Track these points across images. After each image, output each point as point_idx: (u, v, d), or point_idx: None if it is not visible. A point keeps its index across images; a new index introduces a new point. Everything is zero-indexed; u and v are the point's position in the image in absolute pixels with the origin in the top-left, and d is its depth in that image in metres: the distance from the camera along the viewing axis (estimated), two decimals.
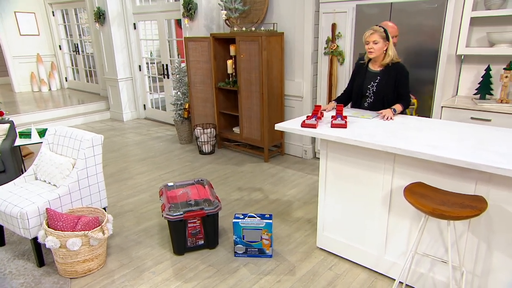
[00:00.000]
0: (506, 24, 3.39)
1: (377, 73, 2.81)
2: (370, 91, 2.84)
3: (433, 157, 1.89)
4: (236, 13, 4.52)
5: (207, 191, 2.94)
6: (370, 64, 2.86)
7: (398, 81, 2.75)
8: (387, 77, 2.76)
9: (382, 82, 2.78)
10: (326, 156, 2.54)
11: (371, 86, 2.83)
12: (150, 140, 5.63)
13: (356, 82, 2.93)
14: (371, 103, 2.88)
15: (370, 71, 2.85)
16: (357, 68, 2.97)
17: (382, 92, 2.79)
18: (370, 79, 2.83)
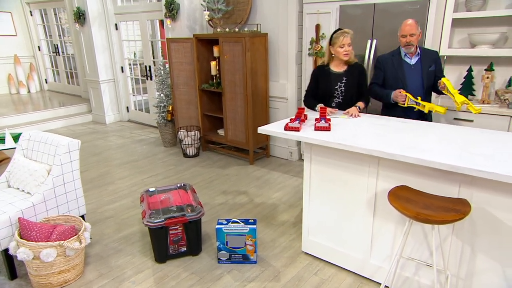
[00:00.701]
0: (487, 25, 3.41)
1: (342, 74, 2.93)
2: (338, 91, 2.95)
3: (416, 160, 1.86)
4: (219, 14, 4.46)
5: (190, 196, 2.86)
6: (332, 66, 2.96)
7: (360, 80, 2.96)
8: (352, 77, 2.92)
9: (348, 82, 2.92)
10: (310, 159, 2.50)
11: (338, 87, 2.94)
12: (133, 143, 5.51)
13: (322, 84, 2.98)
14: (339, 103, 2.99)
15: (334, 73, 2.95)
16: (319, 71, 3.02)
17: (349, 92, 2.94)
18: (336, 80, 2.94)
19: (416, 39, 2.83)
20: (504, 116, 3.09)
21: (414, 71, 2.89)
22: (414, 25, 2.79)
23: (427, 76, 2.88)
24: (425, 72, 2.88)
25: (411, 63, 2.91)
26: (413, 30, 2.78)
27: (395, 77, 2.91)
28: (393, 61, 2.94)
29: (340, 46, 2.79)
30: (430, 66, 2.88)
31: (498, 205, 1.84)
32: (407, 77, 2.89)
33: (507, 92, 3.32)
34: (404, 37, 2.82)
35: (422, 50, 2.93)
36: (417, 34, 2.82)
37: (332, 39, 2.85)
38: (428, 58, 2.90)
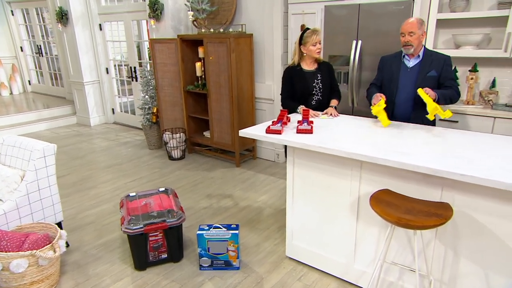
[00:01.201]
0: (471, 26, 3.41)
1: (314, 72, 2.94)
2: (316, 88, 2.95)
3: (398, 164, 1.82)
4: (204, 14, 4.39)
5: (171, 201, 2.79)
6: (303, 65, 2.96)
7: (331, 76, 3.00)
8: (324, 74, 2.95)
9: (323, 79, 2.94)
10: (293, 163, 2.45)
11: (316, 84, 2.94)
12: (118, 146, 5.40)
13: (298, 85, 2.95)
14: (319, 100, 2.98)
15: (306, 71, 2.95)
16: (291, 72, 2.98)
17: (326, 88, 2.97)
18: (312, 78, 2.94)
19: (416, 39, 2.55)
20: (488, 117, 3.08)
21: (410, 75, 2.67)
22: (415, 24, 2.53)
23: (423, 81, 2.60)
24: (421, 77, 2.61)
25: (408, 66, 2.69)
26: (413, 28, 2.52)
27: (389, 78, 2.75)
28: (392, 62, 2.77)
29: (313, 44, 2.81)
30: (429, 71, 2.60)
31: (479, 208, 1.81)
32: (400, 80, 2.70)
33: (491, 93, 3.31)
34: (402, 36, 2.59)
35: (427, 53, 2.65)
36: (418, 34, 2.54)
37: (303, 39, 2.84)
38: (432, 62, 2.61)
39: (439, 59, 2.61)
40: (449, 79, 2.63)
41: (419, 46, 2.60)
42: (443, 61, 2.61)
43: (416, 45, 2.56)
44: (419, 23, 2.54)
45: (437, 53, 2.66)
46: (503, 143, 2.06)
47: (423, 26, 2.56)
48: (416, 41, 2.55)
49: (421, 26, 2.55)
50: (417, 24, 2.53)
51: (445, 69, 2.61)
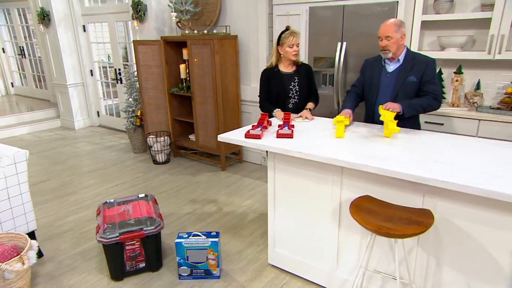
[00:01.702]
0: (455, 28, 3.38)
1: (292, 74, 2.89)
2: (293, 91, 2.90)
3: (378, 170, 1.76)
4: (187, 15, 4.31)
5: (151, 208, 2.70)
6: (281, 67, 2.91)
7: (309, 78, 2.93)
8: (302, 76, 2.89)
9: (301, 81, 2.88)
10: (274, 168, 2.38)
11: (292, 87, 2.89)
12: (102, 150, 5.29)
13: (274, 86, 2.90)
14: (295, 103, 2.92)
15: (284, 73, 2.90)
16: (268, 73, 2.93)
17: (303, 91, 2.90)
18: (289, 80, 2.89)
19: (394, 43, 2.38)
20: (473, 120, 3.05)
21: (389, 80, 2.52)
22: (392, 27, 2.36)
23: (402, 87, 2.46)
24: (400, 83, 2.46)
25: (388, 70, 2.54)
26: (389, 32, 2.36)
27: (370, 83, 2.61)
28: (374, 66, 2.62)
29: (289, 46, 2.75)
30: (409, 77, 2.44)
31: (462, 215, 1.76)
32: (381, 86, 2.55)
33: (476, 95, 3.29)
34: (380, 40, 2.43)
35: (409, 56, 2.47)
36: (396, 38, 2.37)
37: (280, 39, 2.79)
38: (413, 66, 2.44)
39: (421, 63, 2.44)
40: (429, 84, 2.43)
41: (398, 50, 2.44)
42: (425, 65, 2.43)
43: (394, 49, 2.41)
44: (397, 25, 2.37)
45: (421, 56, 2.49)
46: (486, 147, 2.02)
47: (401, 28, 2.39)
48: (393, 46, 2.39)
49: (399, 28, 2.38)
50: (394, 27, 2.36)
51: (426, 73, 2.43)
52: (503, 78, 3.26)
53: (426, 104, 2.41)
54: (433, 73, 2.45)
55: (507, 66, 3.22)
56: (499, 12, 2.92)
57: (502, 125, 2.92)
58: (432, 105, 2.42)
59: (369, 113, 2.61)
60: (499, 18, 2.93)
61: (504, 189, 1.47)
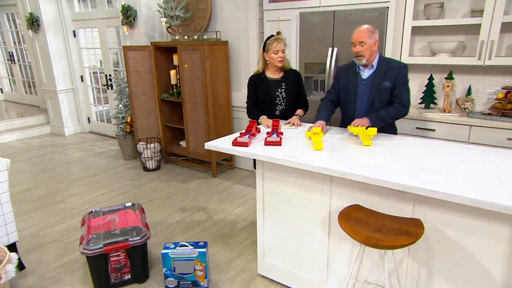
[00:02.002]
0: (446, 34, 3.38)
1: (279, 80, 2.84)
2: (280, 97, 2.86)
3: (367, 179, 1.72)
4: (178, 21, 4.27)
5: (137, 217, 2.64)
6: (268, 73, 2.87)
7: (298, 85, 2.87)
8: (289, 83, 2.83)
9: (288, 88, 2.83)
10: (263, 176, 2.33)
11: (279, 93, 2.85)
12: (92, 157, 5.20)
13: (261, 93, 2.87)
14: (283, 110, 2.88)
15: (271, 80, 2.86)
16: (255, 79, 2.91)
17: (291, 97, 2.85)
18: (276, 87, 2.85)
19: (367, 49, 2.36)
20: (464, 125, 3.03)
21: (365, 87, 2.49)
22: (366, 33, 2.33)
23: (377, 93, 2.45)
24: (374, 89, 2.45)
25: (363, 77, 2.51)
26: (363, 37, 2.33)
27: (346, 90, 2.58)
28: (349, 73, 2.58)
29: (274, 52, 2.71)
30: (383, 83, 2.43)
31: (452, 224, 1.72)
32: (358, 93, 2.53)
33: (467, 101, 3.28)
34: (353, 46, 2.39)
35: (382, 62, 2.46)
36: (370, 43, 2.34)
37: (266, 46, 2.75)
38: (386, 72, 2.43)
39: (394, 68, 2.42)
40: (400, 89, 2.43)
41: (371, 55, 2.41)
42: (398, 70, 2.42)
43: (367, 55, 2.38)
44: (370, 31, 2.34)
45: (394, 62, 2.48)
46: (475, 154, 1.99)
47: (374, 34, 2.37)
48: (367, 52, 2.36)
49: (372, 34, 2.35)
50: (368, 33, 2.33)
51: (398, 79, 2.42)
52: (494, 83, 3.25)
53: (394, 113, 2.44)
54: (405, 78, 2.46)
55: (498, 72, 3.21)
56: (488, 18, 2.91)
57: (493, 131, 2.90)
58: (400, 113, 2.46)
59: (346, 120, 2.59)
60: (489, 24, 2.92)
61: (492, 198, 1.43)
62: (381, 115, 2.41)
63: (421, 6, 3.42)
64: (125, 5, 4.54)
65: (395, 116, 2.46)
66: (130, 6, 4.54)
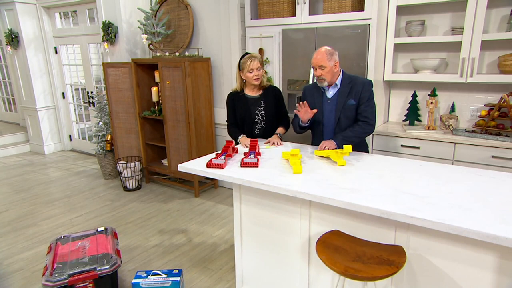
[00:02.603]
0: (428, 50, 3.36)
1: (258, 98, 2.77)
2: (259, 116, 2.78)
3: (346, 204, 1.62)
4: (159, 37, 4.20)
5: (109, 243, 2.48)
6: (247, 91, 2.80)
7: (278, 102, 2.80)
8: (269, 100, 2.76)
9: (267, 105, 2.75)
10: (240, 199, 2.22)
11: (258, 111, 2.77)
12: (71, 176, 5.02)
13: (240, 111, 2.79)
14: (262, 129, 2.80)
15: (249, 98, 2.79)
16: (234, 97, 2.82)
17: (270, 116, 2.77)
18: (255, 105, 2.77)
19: (328, 72, 2.34)
20: (449, 143, 2.98)
21: (330, 106, 2.49)
22: (325, 56, 2.31)
23: (342, 112, 2.44)
24: (340, 108, 2.44)
25: (328, 96, 2.50)
26: (322, 61, 2.31)
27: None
28: (314, 93, 2.56)
29: (249, 71, 2.65)
30: (347, 101, 2.43)
31: (436, 251, 1.62)
32: (324, 113, 2.52)
33: (451, 118, 3.23)
34: (314, 69, 2.39)
35: (346, 80, 2.45)
36: (330, 66, 2.32)
37: (240, 64, 2.68)
38: (351, 89, 2.42)
39: (358, 85, 2.43)
40: (364, 106, 2.42)
41: (333, 77, 2.41)
42: (361, 86, 2.42)
43: (329, 78, 2.38)
44: (329, 53, 2.33)
45: (357, 78, 2.48)
46: (459, 175, 1.91)
47: (333, 56, 2.36)
48: (328, 75, 2.36)
49: (331, 57, 2.34)
50: (326, 55, 2.32)
51: (362, 95, 2.42)
52: (477, 100, 3.22)
53: (360, 132, 2.41)
54: (369, 94, 2.44)
55: (480, 89, 3.19)
56: (468, 35, 2.90)
57: (477, 149, 2.85)
58: (365, 131, 2.43)
59: (316, 140, 2.58)
60: (469, 42, 2.90)
61: (476, 226, 1.34)
62: (347, 135, 2.40)
63: (402, 23, 3.41)
64: (105, 22, 4.46)
65: (361, 135, 2.43)
66: (111, 22, 4.46)
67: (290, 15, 3.62)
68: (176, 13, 4.32)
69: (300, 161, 2.09)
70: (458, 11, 3.13)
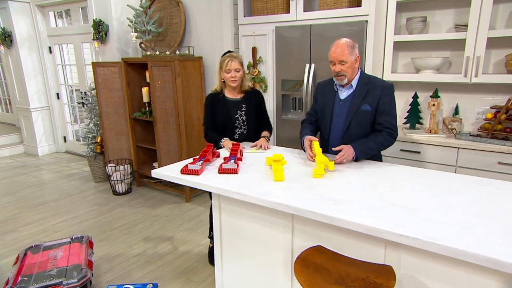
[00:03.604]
0: (430, 49, 3.16)
1: (239, 101, 2.58)
2: (239, 120, 2.58)
3: (329, 219, 1.43)
4: (149, 36, 4.04)
5: (82, 253, 2.31)
6: (227, 93, 2.58)
7: (260, 106, 2.65)
8: (250, 104, 2.59)
9: (249, 110, 2.58)
10: (220, 208, 2.04)
11: (239, 116, 2.58)
12: (61, 179, 4.88)
13: (219, 114, 2.58)
14: (243, 134, 2.62)
15: (230, 100, 2.58)
16: (213, 99, 2.59)
17: (252, 120, 2.60)
18: (236, 108, 2.57)
19: (349, 68, 2.05)
20: (452, 148, 2.76)
21: (342, 109, 2.18)
22: (346, 50, 2.02)
23: (354, 117, 2.13)
24: (352, 112, 2.13)
25: (341, 98, 2.20)
26: (343, 56, 2.02)
27: (322, 110, 2.28)
28: (327, 92, 2.28)
29: (226, 71, 2.44)
30: (362, 105, 2.11)
31: (430, 273, 1.42)
32: (334, 115, 2.22)
33: (454, 121, 3.02)
34: (333, 65, 2.09)
35: (363, 81, 2.13)
36: (351, 61, 2.04)
37: (220, 63, 2.49)
38: (367, 93, 2.11)
39: (376, 89, 2.10)
40: (385, 115, 2.09)
41: (353, 73, 2.12)
42: (380, 91, 2.09)
43: (350, 74, 2.09)
44: (350, 47, 2.04)
45: (377, 81, 2.15)
46: (460, 185, 1.70)
47: (355, 49, 2.07)
48: (349, 70, 2.07)
49: (353, 50, 2.05)
50: (348, 49, 2.03)
51: (382, 101, 2.08)
52: (482, 102, 3.01)
53: (381, 145, 2.11)
54: (390, 101, 2.11)
55: (486, 90, 2.97)
56: (473, 32, 2.69)
57: (482, 154, 2.63)
58: (386, 144, 2.14)
59: (323, 144, 2.26)
60: (474, 39, 2.70)
61: (475, 247, 1.14)
62: (369, 147, 2.07)
63: (403, 20, 3.21)
64: (96, 20, 4.32)
65: (381, 148, 2.15)
66: (101, 20, 4.32)
67: (284, 11, 3.44)
68: (168, 11, 4.17)
69: (283, 167, 1.90)
70: (462, 7, 2.93)
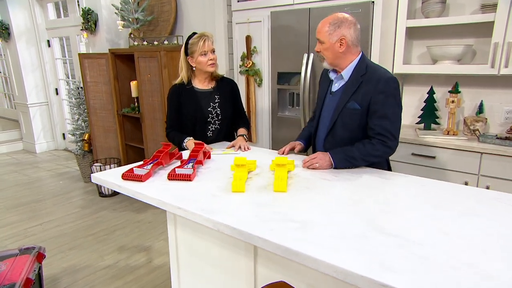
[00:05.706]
0: (450, 36, 2.67)
1: (212, 92, 2.20)
2: (213, 114, 2.20)
3: (281, 250, 1.02)
4: (138, 24, 3.72)
5: (25, 269, 1.99)
6: (196, 83, 2.18)
7: (235, 98, 2.29)
8: (224, 95, 2.22)
9: (223, 102, 2.20)
10: (174, 222, 1.66)
11: (212, 109, 2.18)
12: (51, 178, 4.64)
13: (188, 109, 2.17)
14: (217, 130, 2.24)
15: (200, 91, 2.18)
16: (179, 91, 2.18)
17: (226, 114, 2.23)
18: (207, 100, 2.17)
19: (327, 50, 1.65)
20: (474, 152, 2.28)
21: (331, 103, 1.78)
22: (325, 27, 1.63)
23: (340, 115, 1.71)
24: (339, 109, 1.71)
25: (332, 89, 1.79)
26: (320, 34, 1.65)
27: (317, 102, 1.93)
28: (326, 79, 1.88)
29: (202, 54, 2.04)
30: (348, 102, 1.68)
31: None
32: (323, 109, 1.83)
33: (478, 121, 2.53)
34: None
35: (358, 71, 1.67)
36: (330, 43, 1.62)
37: (188, 48, 2.07)
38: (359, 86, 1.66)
39: (370, 82, 1.63)
40: (378, 118, 1.63)
41: (337, 59, 1.67)
42: (374, 85, 1.61)
43: (330, 59, 1.67)
44: (333, 25, 1.61)
45: (376, 72, 1.66)
46: (477, 207, 1.25)
47: (340, 29, 1.61)
48: (328, 53, 1.66)
49: (336, 30, 1.60)
50: (328, 27, 1.62)
51: (374, 100, 1.61)
52: None
53: (368, 155, 1.63)
54: (385, 99, 1.62)
55: None
56: (503, 14, 2.20)
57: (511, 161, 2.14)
58: (375, 155, 1.64)
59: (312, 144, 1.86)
60: (505, 21, 2.21)
61: None
62: (352, 155, 1.64)
63: (418, 2, 2.74)
64: (85, 8, 4.05)
65: (370, 159, 1.66)
66: (90, 9, 4.04)
67: None
68: None
69: (247, 174, 1.50)
70: None
